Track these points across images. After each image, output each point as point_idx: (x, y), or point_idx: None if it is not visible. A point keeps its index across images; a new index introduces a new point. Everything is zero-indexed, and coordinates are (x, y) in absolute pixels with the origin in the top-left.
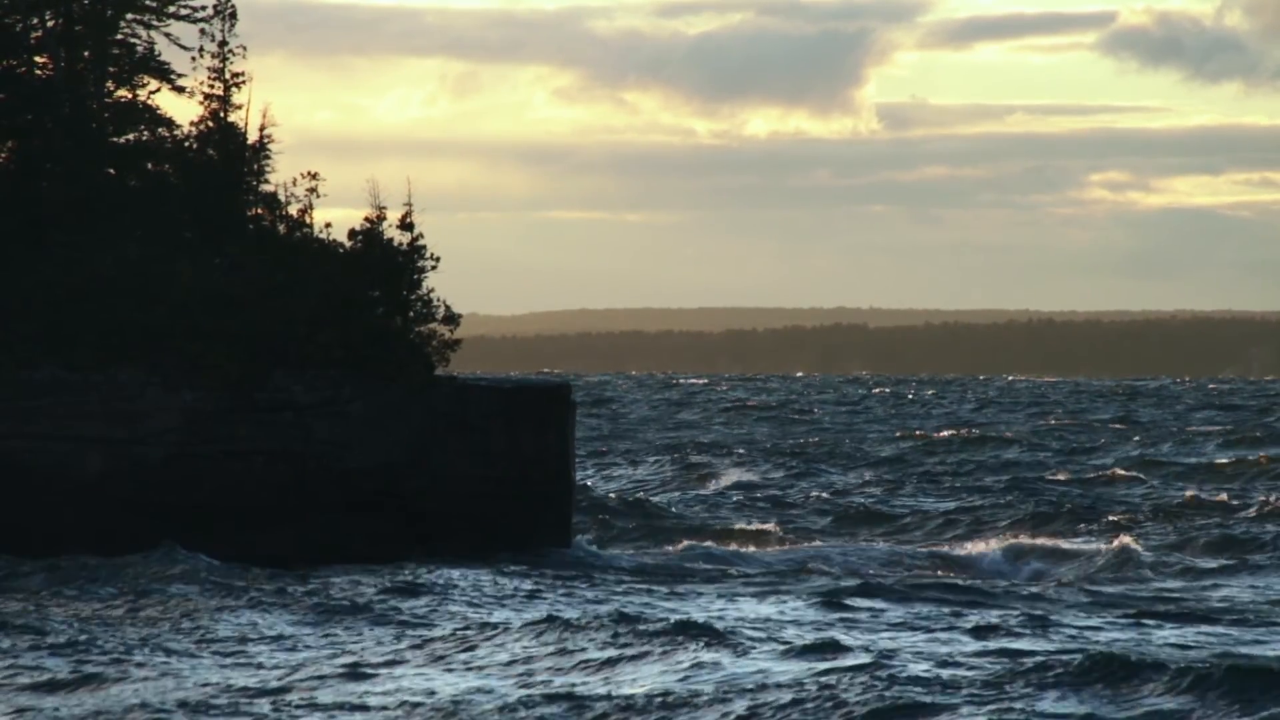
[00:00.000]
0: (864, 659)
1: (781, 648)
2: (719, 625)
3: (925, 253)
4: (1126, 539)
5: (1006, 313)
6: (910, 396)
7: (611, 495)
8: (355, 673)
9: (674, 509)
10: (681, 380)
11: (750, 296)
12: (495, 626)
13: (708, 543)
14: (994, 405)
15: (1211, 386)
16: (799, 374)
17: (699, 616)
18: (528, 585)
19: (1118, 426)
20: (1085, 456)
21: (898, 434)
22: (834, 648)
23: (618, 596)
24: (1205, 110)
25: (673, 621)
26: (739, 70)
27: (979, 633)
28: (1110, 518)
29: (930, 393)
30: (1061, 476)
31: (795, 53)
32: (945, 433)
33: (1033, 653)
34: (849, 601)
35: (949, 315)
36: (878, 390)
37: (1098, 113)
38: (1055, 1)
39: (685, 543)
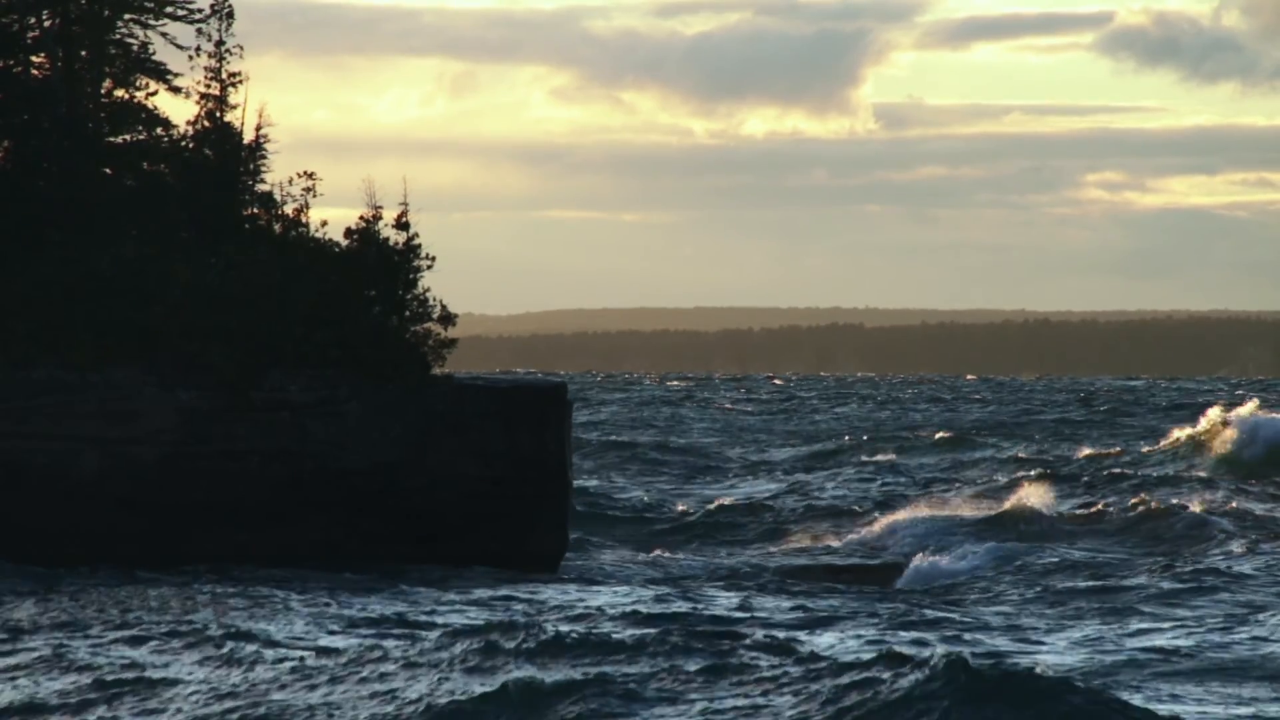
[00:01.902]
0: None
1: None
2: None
3: (922, 253)
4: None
5: (1003, 313)
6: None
7: (606, 497)
8: None
9: (665, 509)
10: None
11: (747, 296)
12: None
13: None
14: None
15: (1194, 387)
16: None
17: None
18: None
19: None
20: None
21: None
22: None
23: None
24: (1202, 110)
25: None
26: (736, 70)
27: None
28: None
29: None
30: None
31: (792, 53)
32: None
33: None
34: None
35: (946, 315)
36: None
37: (1095, 113)
38: (1052, 2)
39: (659, 550)
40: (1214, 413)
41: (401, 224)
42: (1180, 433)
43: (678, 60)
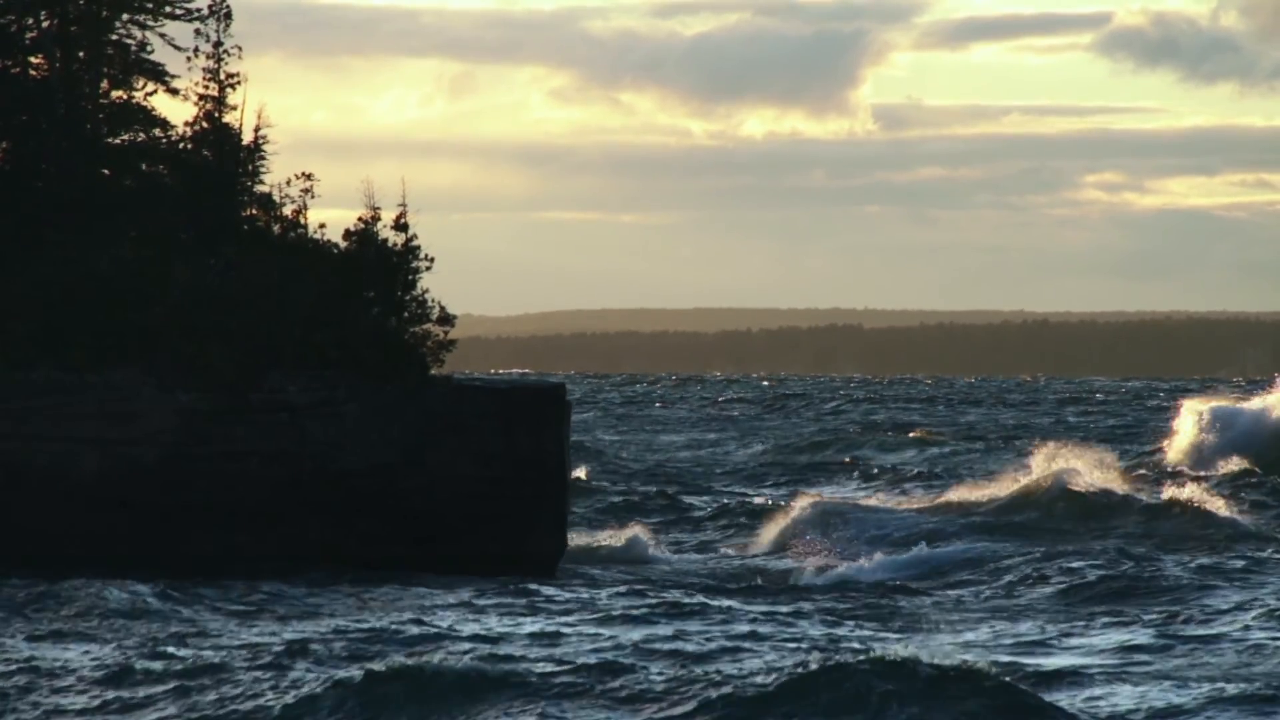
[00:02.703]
0: None
1: None
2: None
3: (921, 254)
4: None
5: (1002, 314)
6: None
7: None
8: None
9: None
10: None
11: (745, 297)
12: None
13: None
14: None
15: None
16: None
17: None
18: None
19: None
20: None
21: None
22: None
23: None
24: (1201, 111)
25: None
26: (735, 71)
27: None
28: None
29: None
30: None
31: (791, 53)
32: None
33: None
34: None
35: (944, 316)
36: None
37: (1093, 114)
38: (1051, 2)
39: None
40: (1190, 405)
41: (400, 225)
42: (1166, 436)
43: (676, 61)
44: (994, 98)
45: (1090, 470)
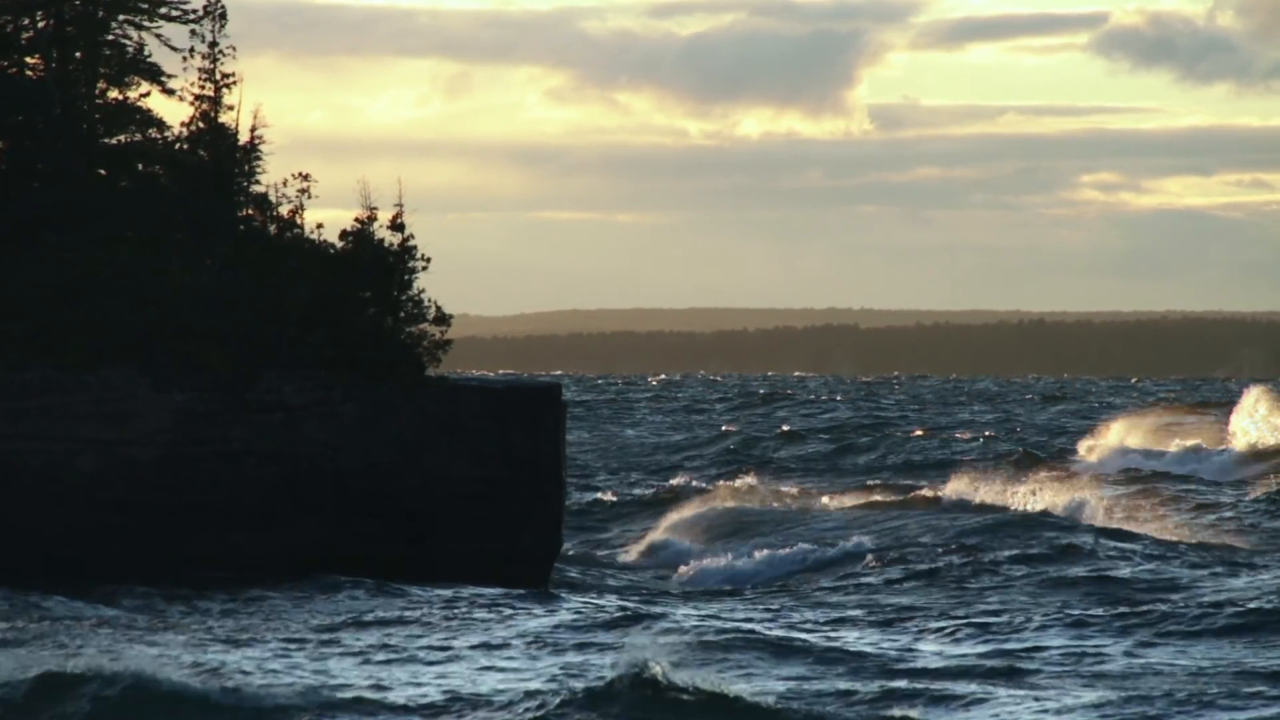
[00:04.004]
0: None
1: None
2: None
3: (916, 253)
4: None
5: (998, 313)
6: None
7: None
8: None
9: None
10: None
11: (741, 297)
12: None
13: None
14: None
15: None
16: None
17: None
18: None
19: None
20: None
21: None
22: None
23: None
24: (1197, 111)
25: None
26: (731, 71)
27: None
28: None
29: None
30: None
31: (787, 53)
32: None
33: None
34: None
35: (940, 316)
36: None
37: (1090, 113)
38: (1047, 2)
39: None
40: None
41: (396, 225)
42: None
43: (673, 61)
44: (990, 98)
45: (1034, 476)
